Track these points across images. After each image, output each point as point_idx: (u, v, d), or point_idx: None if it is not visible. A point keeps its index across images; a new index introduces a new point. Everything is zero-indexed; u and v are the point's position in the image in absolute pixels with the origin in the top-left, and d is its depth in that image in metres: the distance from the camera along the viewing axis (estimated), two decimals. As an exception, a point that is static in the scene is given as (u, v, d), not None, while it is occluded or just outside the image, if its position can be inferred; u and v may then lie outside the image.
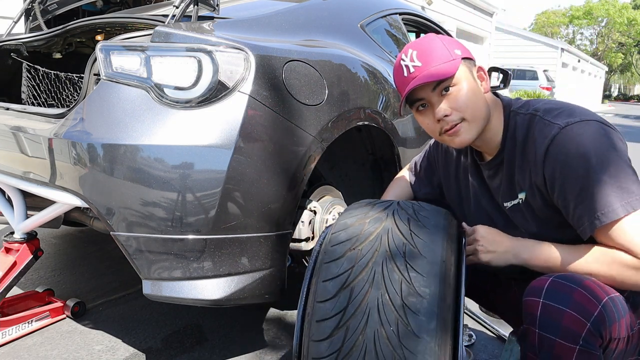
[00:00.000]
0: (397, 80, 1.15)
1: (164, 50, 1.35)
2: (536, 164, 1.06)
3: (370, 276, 0.88)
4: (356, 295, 0.87)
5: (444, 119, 1.09)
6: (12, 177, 1.64)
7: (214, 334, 1.84)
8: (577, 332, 0.91)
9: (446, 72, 1.06)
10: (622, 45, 38.63)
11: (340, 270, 0.91)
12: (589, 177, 0.98)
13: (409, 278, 0.86)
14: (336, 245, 0.96)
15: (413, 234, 0.93)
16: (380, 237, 0.94)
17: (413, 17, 2.66)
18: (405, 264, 0.88)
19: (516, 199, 1.15)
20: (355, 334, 0.83)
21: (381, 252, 0.91)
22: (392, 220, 0.97)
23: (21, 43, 2.03)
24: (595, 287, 0.96)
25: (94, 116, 1.38)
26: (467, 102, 1.08)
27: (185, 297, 1.35)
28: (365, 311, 0.85)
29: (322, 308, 0.88)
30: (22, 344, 1.75)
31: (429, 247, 0.91)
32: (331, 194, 1.85)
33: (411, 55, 1.10)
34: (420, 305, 0.83)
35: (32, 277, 2.30)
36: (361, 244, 0.94)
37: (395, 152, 1.99)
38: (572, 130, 1.02)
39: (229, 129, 1.33)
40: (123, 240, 1.34)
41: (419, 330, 0.81)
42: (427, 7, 10.23)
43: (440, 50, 1.09)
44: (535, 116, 1.10)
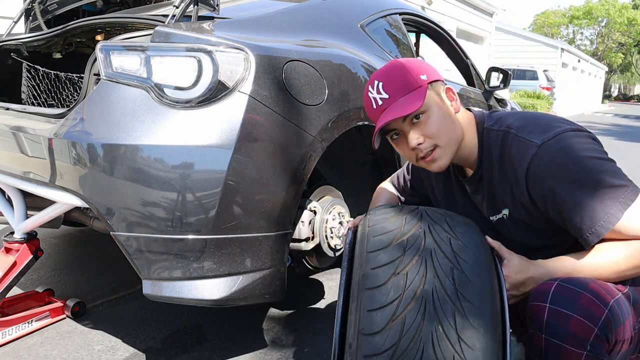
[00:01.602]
0: (368, 112, 1.14)
1: (164, 50, 1.35)
2: (518, 183, 1.07)
3: (421, 307, 0.82)
4: (408, 329, 0.80)
5: (417, 147, 1.09)
6: (12, 177, 1.64)
7: (214, 334, 1.84)
8: (585, 337, 0.90)
9: (413, 105, 1.05)
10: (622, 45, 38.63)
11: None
12: (577, 191, 0.99)
13: (462, 309, 0.81)
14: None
15: (458, 257, 0.88)
16: (424, 259, 0.87)
17: (413, 17, 2.66)
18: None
19: (500, 214, 1.16)
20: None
21: (429, 279, 0.84)
22: (432, 239, 0.91)
23: (21, 43, 2.03)
24: (600, 290, 0.95)
25: (94, 116, 1.38)
26: (438, 128, 1.09)
27: (185, 297, 1.35)
28: (419, 347, 0.78)
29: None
30: (22, 344, 1.75)
31: (477, 272, 0.86)
32: (331, 194, 1.85)
33: (377, 87, 1.10)
34: (476, 340, 0.78)
35: (32, 277, 2.30)
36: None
37: (395, 152, 1.99)
38: (550, 147, 1.02)
39: (229, 129, 1.33)
40: (123, 240, 1.34)
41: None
42: (427, 7, 10.23)
43: (405, 79, 1.08)
44: (509, 133, 1.10)
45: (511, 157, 1.08)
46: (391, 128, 1.11)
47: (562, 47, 20.78)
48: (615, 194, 0.97)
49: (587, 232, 1.00)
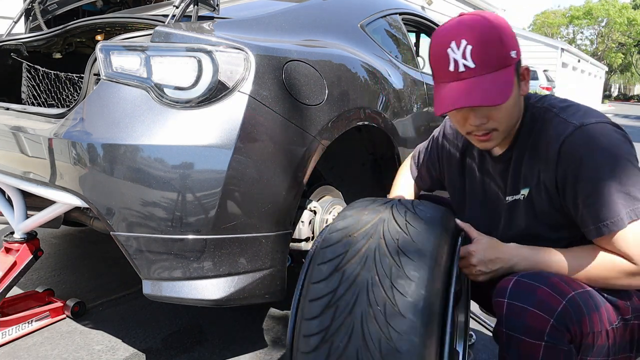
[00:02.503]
0: (437, 67, 1.01)
1: (164, 50, 1.35)
2: (548, 161, 1.05)
3: (362, 260, 0.91)
4: (347, 277, 0.90)
5: (479, 126, 1.04)
6: (12, 177, 1.64)
7: (214, 334, 1.84)
8: (541, 328, 0.93)
9: (500, 97, 0.96)
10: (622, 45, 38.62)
11: (334, 254, 0.95)
12: (599, 183, 0.98)
13: (399, 262, 0.89)
14: (334, 232, 1.00)
15: (408, 224, 0.96)
16: (376, 226, 0.97)
17: (413, 17, 2.66)
18: (397, 250, 0.91)
19: (518, 194, 1.14)
20: (343, 314, 0.87)
21: (375, 238, 0.94)
22: (390, 212, 1.00)
23: (21, 43, 2.03)
24: (560, 283, 0.97)
25: (94, 116, 1.38)
26: (506, 115, 1.04)
27: (185, 297, 1.34)
28: (354, 292, 0.88)
29: (315, 288, 0.92)
30: (22, 344, 1.75)
31: (423, 235, 0.93)
32: (331, 194, 1.85)
33: (464, 49, 0.95)
34: (408, 288, 0.86)
35: (32, 277, 2.30)
36: (357, 232, 0.97)
37: (395, 152, 1.99)
38: (587, 131, 1.00)
39: (229, 129, 1.33)
40: (123, 240, 1.34)
41: (405, 310, 0.84)
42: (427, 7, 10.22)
43: (498, 51, 0.96)
44: (550, 111, 1.08)
45: (547, 135, 1.05)
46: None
47: (562, 47, 20.77)
48: (628, 202, 0.97)
49: (591, 225, 1.00)
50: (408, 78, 2.18)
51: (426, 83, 2.35)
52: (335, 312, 0.87)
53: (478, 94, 0.96)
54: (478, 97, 0.96)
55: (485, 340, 1.85)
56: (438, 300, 0.88)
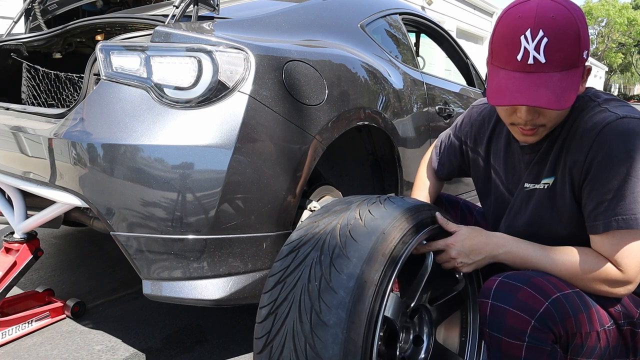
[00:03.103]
0: (503, 48, 0.93)
1: (164, 50, 1.35)
2: (582, 146, 0.99)
3: (315, 241, 0.98)
4: (299, 256, 0.97)
5: (525, 121, 1.00)
6: (12, 177, 1.64)
7: (214, 334, 1.84)
8: (521, 329, 0.93)
9: (563, 101, 0.90)
10: (622, 45, 38.63)
11: (297, 237, 1.03)
12: (627, 177, 0.94)
13: (343, 243, 0.95)
14: (306, 219, 1.08)
15: (367, 212, 1.01)
16: (340, 213, 1.04)
17: (413, 17, 2.66)
18: (346, 233, 0.96)
19: (539, 183, 1.11)
20: (289, 288, 0.94)
21: (334, 223, 1.00)
22: (360, 202, 1.06)
23: (21, 43, 2.03)
24: (544, 284, 0.97)
25: (94, 116, 1.38)
26: (559, 115, 1.00)
27: (185, 297, 1.35)
28: (301, 269, 0.95)
29: (274, 266, 1.01)
30: (22, 344, 1.75)
31: (375, 222, 0.97)
32: (331, 194, 1.85)
33: (539, 40, 0.89)
34: (345, 266, 0.91)
35: (32, 277, 2.30)
36: (322, 219, 1.04)
37: (395, 152, 1.99)
38: (628, 124, 0.95)
39: (229, 129, 1.33)
40: (123, 240, 1.34)
41: (338, 286, 0.89)
42: (427, 7, 10.23)
43: (572, 50, 0.90)
44: (593, 101, 1.04)
45: (586, 122, 1.00)
46: None
47: (562, 47, 20.75)
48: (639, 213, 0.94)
49: (601, 219, 0.98)
50: (408, 78, 2.18)
51: (426, 83, 2.35)
52: (283, 287, 0.95)
53: (542, 95, 0.90)
54: (542, 98, 0.90)
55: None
56: (374, 281, 0.91)
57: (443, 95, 2.49)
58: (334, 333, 0.85)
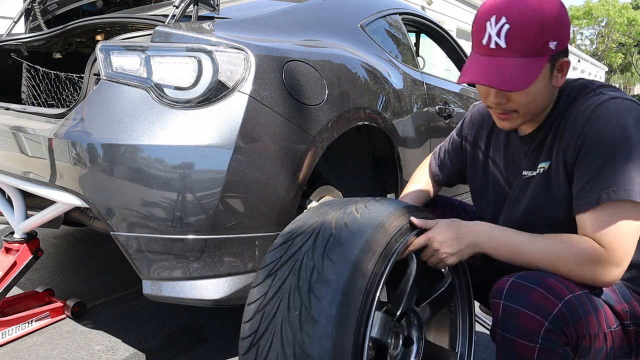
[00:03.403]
0: (474, 34, 1.02)
1: (164, 50, 1.35)
2: (575, 126, 1.01)
3: (292, 264, 0.93)
4: (276, 281, 0.93)
5: (496, 104, 1.05)
6: (12, 177, 1.64)
7: (214, 334, 1.84)
8: (535, 331, 0.92)
9: (523, 82, 0.96)
10: (622, 45, 38.64)
11: (272, 259, 0.97)
12: (621, 152, 0.94)
13: (321, 266, 0.89)
14: (280, 236, 1.03)
15: (344, 226, 0.95)
16: (316, 228, 0.97)
17: (413, 17, 2.66)
18: (323, 253, 0.91)
19: (536, 170, 1.12)
20: (267, 319, 0.89)
21: (310, 242, 0.95)
22: (335, 213, 1.00)
23: (21, 43, 2.03)
24: (557, 285, 0.96)
25: (94, 116, 1.38)
26: (527, 101, 1.03)
27: (185, 297, 1.35)
28: (279, 296, 0.90)
29: (251, 292, 0.96)
30: (22, 344, 1.75)
31: (352, 238, 0.92)
32: (331, 194, 1.85)
33: (501, 26, 0.95)
34: (324, 292, 0.86)
35: (32, 277, 2.30)
36: (298, 236, 0.98)
37: (395, 152, 1.99)
38: (620, 104, 0.98)
39: (229, 129, 1.33)
40: (123, 240, 1.34)
41: (319, 315, 0.84)
42: (427, 7, 10.23)
43: (534, 39, 0.94)
44: (587, 88, 1.06)
45: (579, 105, 1.03)
46: None
47: (562, 47, 20.76)
48: (632, 186, 0.94)
49: (594, 194, 0.96)
50: (408, 78, 2.18)
51: (426, 83, 2.35)
52: (262, 316, 0.90)
53: (498, 77, 0.96)
54: (497, 79, 0.96)
55: (486, 340, 1.84)
56: (356, 305, 0.86)
57: (443, 95, 2.49)
58: (322, 331, 0.82)
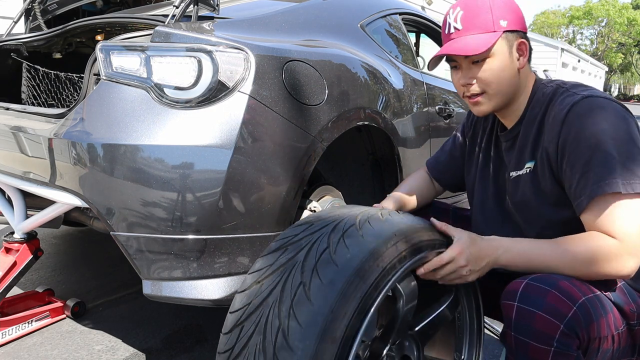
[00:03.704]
0: (442, 33, 1.17)
1: (164, 50, 1.35)
2: (553, 128, 1.06)
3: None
4: (260, 293, 0.87)
5: (466, 85, 1.13)
6: (12, 177, 1.64)
7: (214, 334, 1.84)
8: (550, 334, 0.91)
9: (478, 48, 1.06)
10: (622, 45, 38.63)
11: (261, 265, 0.92)
12: (600, 148, 0.97)
13: (309, 284, 0.82)
14: (263, 254, 0.95)
15: (340, 241, 0.87)
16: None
17: (413, 17, 2.66)
18: (313, 269, 0.84)
19: (523, 169, 1.15)
20: (244, 338, 0.83)
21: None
22: (334, 225, 0.91)
23: (21, 43, 2.03)
24: (571, 288, 0.95)
25: (94, 116, 1.38)
26: (493, 77, 1.10)
27: (185, 297, 1.34)
28: (260, 313, 0.84)
29: (235, 298, 0.91)
30: (22, 344, 1.75)
31: (351, 256, 0.84)
32: (331, 194, 1.85)
33: (457, 14, 1.11)
34: (305, 316, 0.79)
35: (32, 277, 2.30)
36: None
37: (395, 152, 1.99)
38: (595, 102, 1.02)
39: (229, 129, 1.33)
40: (123, 240, 1.34)
41: (294, 342, 0.77)
42: (427, 7, 10.23)
43: (485, 18, 1.09)
44: (560, 87, 1.12)
45: (555, 106, 1.08)
46: (452, 58, 1.14)
47: (562, 47, 20.79)
48: (626, 174, 0.95)
49: (587, 191, 0.98)
50: (408, 78, 2.18)
51: (426, 83, 2.35)
52: (240, 332, 0.84)
53: (457, 47, 1.09)
54: (457, 49, 1.08)
55: (486, 341, 1.84)
56: (339, 331, 0.78)
57: (443, 95, 2.49)
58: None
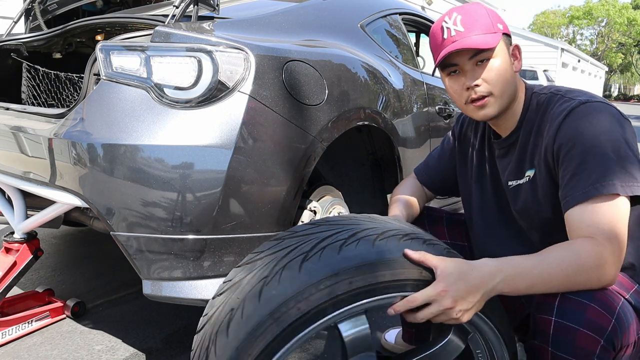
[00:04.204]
0: (434, 42, 1.14)
1: (164, 50, 1.35)
2: (550, 134, 1.06)
3: (203, 334, 0.84)
4: (195, 347, 0.85)
5: (473, 88, 1.10)
6: (12, 177, 1.64)
7: (214, 334, 1.84)
8: (591, 350, 0.89)
9: (488, 43, 1.06)
10: (622, 45, 38.63)
11: (203, 314, 0.89)
12: (597, 150, 0.97)
13: (209, 352, 0.79)
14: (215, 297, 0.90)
15: (282, 270, 0.81)
16: (225, 299, 0.84)
17: (413, 17, 2.66)
18: (215, 335, 0.80)
19: (522, 178, 1.14)
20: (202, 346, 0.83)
21: (217, 313, 0.83)
22: (248, 279, 0.84)
23: (21, 43, 2.03)
24: (606, 298, 0.93)
25: (94, 116, 1.38)
26: (499, 77, 1.09)
27: (185, 297, 1.35)
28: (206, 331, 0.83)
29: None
30: (22, 344, 1.75)
31: (240, 324, 0.78)
32: (331, 194, 1.85)
33: (455, 18, 1.10)
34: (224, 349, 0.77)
35: (32, 277, 2.30)
36: (219, 295, 0.87)
37: (395, 152, 1.99)
38: (590, 106, 1.02)
39: (229, 129, 1.33)
40: (123, 240, 1.34)
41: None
42: (427, 7, 10.23)
43: (485, 20, 1.10)
44: (556, 95, 1.12)
45: (552, 113, 1.08)
46: (453, 62, 1.11)
47: (562, 47, 20.80)
48: (624, 177, 0.94)
49: (579, 190, 0.96)
50: (408, 78, 2.18)
51: (426, 83, 2.35)
52: (195, 341, 0.85)
53: (465, 43, 1.07)
54: (465, 44, 1.06)
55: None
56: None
57: (443, 95, 2.49)
58: None
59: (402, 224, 0.99)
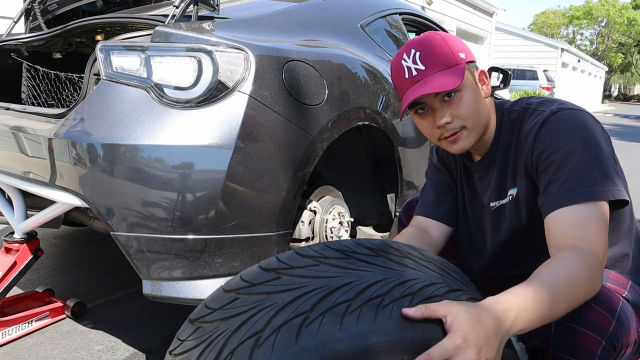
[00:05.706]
0: (397, 81, 1.10)
1: (164, 50, 1.35)
2: (526, 147, 1.05)
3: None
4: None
5: (444, 126, 1.06)
6: (12, 177, 1.64)
7: (214, 334, 1.84)
8: (592, 350, 0.89)
9: (453, 83, 1.01)
10: (622, 45, 38.64)
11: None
12: (573, 155, 0.96)
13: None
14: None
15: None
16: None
17: (413, 17, 2.66)
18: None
19: (505, 198, 1.13)
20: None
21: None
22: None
23: (21, 43, 2.03)
24: (607, 299, 0.92)
25: (94, 116, 1.38)
26: (469, 110, 1.06)
27: (185, 297, 1.35)
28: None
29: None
30: (22, 344, 1.75)
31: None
32: (331, 194, 1.85)
33: (414, 56, 1.05)
34: None
35: (32, 277, 2.30)
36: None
37: (395, 152, 1.99)
38: (563, 115, 1.02)
39: (229, 129, 1.33)
40: (123, 240, 1.34)
41: None
42: (427, 7, 10.23)
43: (445, 53, 1.05)
44: (528, 109, 1.10)
45: (527, 127, 1.07)
46: (420, 101, 1.08)
47: (562, 47, 20.80)
48: (605, 182, 0.94)
49: (563, 193, 0.94)
50: (408, 78, 2.18)
51: (426, 83, 2.35)
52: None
53: (431, 85, 1.03)
54: (431, 87, 1.02)
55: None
56: None
57: (443, 95, 2.49)
58: None
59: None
